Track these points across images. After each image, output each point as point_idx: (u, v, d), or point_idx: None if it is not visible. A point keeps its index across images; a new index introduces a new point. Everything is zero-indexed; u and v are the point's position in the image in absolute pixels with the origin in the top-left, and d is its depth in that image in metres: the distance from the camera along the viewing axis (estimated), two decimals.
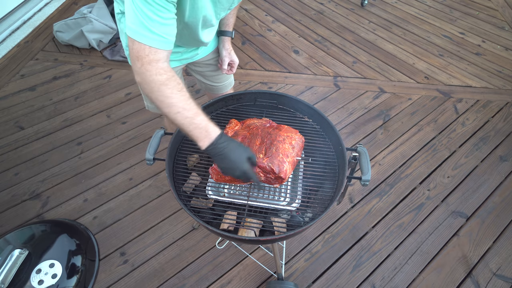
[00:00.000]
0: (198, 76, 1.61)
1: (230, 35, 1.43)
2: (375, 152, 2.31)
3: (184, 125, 0.90)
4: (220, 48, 1.46)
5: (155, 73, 0.87)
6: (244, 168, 0.93)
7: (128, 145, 2.35)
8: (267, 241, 1.18)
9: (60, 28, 3.07)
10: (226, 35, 1.43)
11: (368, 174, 1.05)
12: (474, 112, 2.57)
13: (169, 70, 0.90)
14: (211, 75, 1.57)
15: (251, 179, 0.95)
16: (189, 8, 0.97)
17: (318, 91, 2.74)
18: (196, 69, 1.55)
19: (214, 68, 1.54)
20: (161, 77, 0.88)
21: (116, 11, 1.23)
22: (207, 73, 1.56)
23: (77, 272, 1.04)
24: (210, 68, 1.54)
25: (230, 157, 0.92)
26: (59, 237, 1.12)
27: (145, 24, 0.84)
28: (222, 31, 1.42)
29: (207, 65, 1.52)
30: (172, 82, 0.89)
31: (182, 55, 1.35)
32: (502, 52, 3.11)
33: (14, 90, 2.72)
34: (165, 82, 0.88)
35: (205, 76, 1.59)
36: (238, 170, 0.93)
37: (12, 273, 0.96)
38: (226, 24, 1.41)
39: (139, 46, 0.86)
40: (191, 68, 1.57)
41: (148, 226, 1.94)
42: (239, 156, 0.92)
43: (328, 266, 1.80)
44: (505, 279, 1.74)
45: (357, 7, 3.67)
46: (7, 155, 2.28)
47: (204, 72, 1.56)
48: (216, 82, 1.61)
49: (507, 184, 2.13)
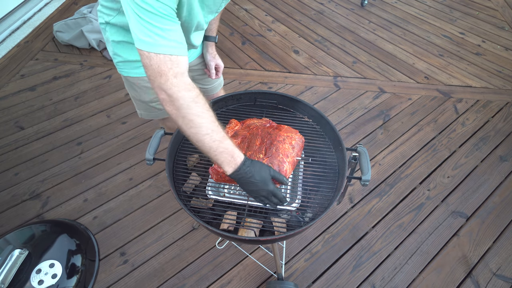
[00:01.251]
0: None
1: (214, 40, 1.44)
2: (375, 152, 2.31)
3: (211, 149, 0.86)
4: (205, 52, 1.47)
5: (183, 88, 0.82)
6: (270, 188, 0.93)
7: (128, 145, 2.35)
8: (267, 241, 1.18)
9: (60, 28, 3.07)
10: (210, 40, 1.44)
11: (368, 174, 1.05)
12: (474, 112, 2.57)
13: (196, 86, 0.85)
14: (200, 78, 1.58)
15: (277, 197, 0.95)
16: (186, 14, 0.96)
17: (318, 91, 2.74)
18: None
19: (202, 72, 1.55)
20: (190, 93, 0.83)
21: (100, 21, 1.16)
22: (196, 77, 1.57)
23: (77, 272, 1.04)
24: (198, 72, 1.54)
25: (255, 181, 0.91)
26: (59, 237, 1.12)
27: (159, 34, 0.79)
28: (206, 36, 1.43)
29: (195, 70, 1.53)
30: (202, 99, 0.84)
31: None
32: (502, 52, 3.11)
33: (14, 90, 2.72)
34: (195, 99, 0.83)
35: (194, 80, 1.57)
36: (264, 191, 0.93)
37: (12, 273, 0.96)
38: (209, 30, 1.42)
39: (158, 59, 0.80)
40: None
41: (148, 226, 1.94)
42: (263, 178, 0.92)
43: (328, 266, 1.80)
44: (505, 279, 1.74)
45: (357, 7, 3.67)
46: (7, 155, 2.28)
47: (193, 76, 1.57)
48: (206, 84, 1.61)
49: (507, 184, 2.13)
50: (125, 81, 1.37)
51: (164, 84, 0.81)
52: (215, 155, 0.87)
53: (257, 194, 0.94)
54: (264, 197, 0.95)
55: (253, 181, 0.91)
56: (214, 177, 1.10)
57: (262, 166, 0.94)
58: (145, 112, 1.52)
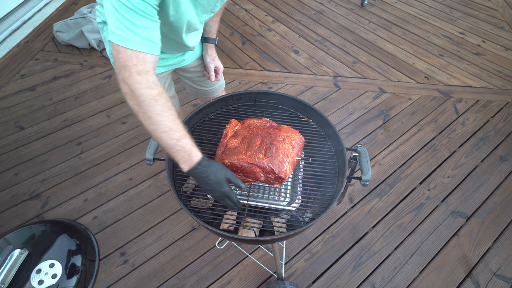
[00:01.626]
0: (187, 81, 1.61)
1: (213, 42, 1.43)
2: (375, 152, 2.31)
3: (168, 146, 0.89)
4: (204, 54, 1.46)
5: (146, 86, 0.84)
6: (223, 190, 0.94)
7: (128, 145, 2.35)
8: (267, 241, 1.18)
9: (60, 28, 3.07)
10: (210, 42, 1.42)
11: (368, 174, 1.05)
12: (474, 112, 2.56)
13: (159, 85, 0.87)
14: (200, 80, 1.57)
15: (231, 199, 0.96)
16: (172, 12, 0.95)
17: (318, 91, 2.74)
18: (185, 75, 1.56)
19: (202, 74, 1.54)
20: (152, 91, 0.84)
21: (97, 20, 1.23)
22: (196, 78, 1.56)
23: (77, 272, 1.04)
24: (198, 74, 1.54)
25: (210, 181, 0.93)
26: (59, 237, 1.12)
27: (132, 29, 0.80)
28: (206, 38, 1.42)
29: (195, 72, 1.52)
30: (163, 98, 0.86)
31: (168, 61, 1.35)
32: (502, 52, 3.11)
33: (14, 90, 2.72)
34: (156, 97, 0.85)
35: (195, 81, 1.59)
36: (217, 192, 0.95)
37: (12, 273, 0.96)
38: (209, 31, 1.41)
39: (125, 54, 0.82)
40: (179, 73, 1.57)
41: (148, 226, 1.94)
42: (218, 180, 0.93)
43: (328, 266, 1.80)
44: (505, 279, 1.74)
45: (357, 7, 3.67)
46: (7, 155, 2.28)
47: (193, 78, 1.56)
48: (207, 86, 1.61)
49: (507, 184, 2.13)
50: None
51: (127, 78, 0.84)
52: (172, 152, 0.90)
53: (211, 193, 0.96)
54: (218, 197, 0.96)
55: (208, 181, 0.93)
56: None
57: (219, 167, 0.95)
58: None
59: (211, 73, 1.48)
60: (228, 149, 1.11)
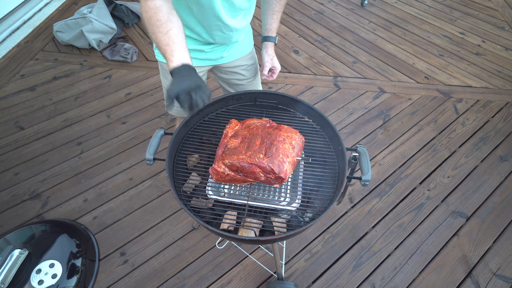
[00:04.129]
0: (222, 84, 1.61)
1: (273, 40, 1.43)
2: (375, 152, 2.31)
3: (163, 55, 0.99)
4: (263, 53, 1.46)
5: (144, 10, 1.00)
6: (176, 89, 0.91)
7: (128, 145, 2.35)
8: (267, 241, 1.18)
9: (60, 28, 3.07)
10: (269, 41, 1.43)
11: (368, 174, 1.05)
12: (474, 112, 2.57)
13: (153, 7, 0.98)
14: (236, 83, 1.56)
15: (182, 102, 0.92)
16: None
17: (318, 91, 2.74)
18: (222, 76, 1.55)
19: (241, 77, 1.53)
20: (146, 14, 0.99)
21: None
22: (232, 81, 1.55)
23: (77, 272, 1.04)
24: (236, 76, 1.52)
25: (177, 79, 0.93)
26: (59, 237, 1.12)
27: None
28: (265, 37, 1.44)
29: (233, 73, 1.51)
30: (153, 19, 0.98)
31: (206, 54, 1.35)
32: (502, 52, 3.11)
33: (14, 90, 2.72)
34: (149, 19, 0.99)
35: (230, 84, 1.58)
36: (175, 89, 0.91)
37: (12, 273, 0.96)
38: (269, 30, 1.42)
39: None
40: (216, 74, 1.56)
41: (148, 226, 1.94)
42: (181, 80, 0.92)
43: (328, 266, 1.80)
44: (505, 279, 1.74)
45: (357, 7, 3.67)
46: (7, 155, 2.28)
47: (229, 80, 1.55)
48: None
49: (507, 184, 2.13)
50: (160, 68, 1.44)
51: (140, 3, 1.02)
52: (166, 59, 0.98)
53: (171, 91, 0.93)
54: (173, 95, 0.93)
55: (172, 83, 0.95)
56: (214, 177, 1.10)
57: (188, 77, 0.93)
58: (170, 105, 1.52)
59: (265, 71, 1.45)
60: (228, 149, 1.11)
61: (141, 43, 3.17)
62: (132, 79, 2.82)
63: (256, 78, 1.60)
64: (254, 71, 1.57)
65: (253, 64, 1.55)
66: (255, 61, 1.56)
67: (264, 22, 1.43)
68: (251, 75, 1.56)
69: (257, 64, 1.59)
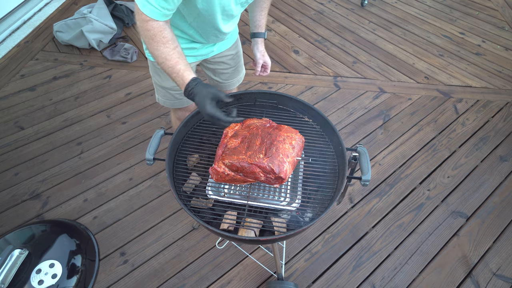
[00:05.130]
0: (208, 72, 1.64)
1: (263, 36, 1.46)
2: (375, 152, 2.31)
3: (169, 74, 1.06)
4: (254, 50, 1.51)
5: (145, 29, 1.03)
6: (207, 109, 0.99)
7: (128, 145, 2.35)
8: (267, 241, 1.18)
9: (60, 28, 3.07)
10: (259, 37, 1.46)
11: (368, 174, 1.05)
12: (474, 112, 2.56)
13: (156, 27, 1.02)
14: (222, 72, 1.60)
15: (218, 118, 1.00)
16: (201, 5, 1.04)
17: (318, 91, 2.74)
18: (208, 66, 1.58)
19: (226, 66, 1.56)
20: (149, 32, 1.03)
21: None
22: (218, 70, 1.59)
23: (77, 272, 1.04)
24: (222, 66, 1.56)
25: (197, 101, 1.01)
26: (59, 237, 1.12)
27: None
28: (255, 33, 1.47)
29: (220, 63, 1.54)
30: (158, 36, 1.03)
31: (198, 51, 1.38)
32: (502, 52, 3.11)
33: (14, 90, 2.72)
34: (152, 36, 1.03)
35: (216, 73, 1.61)
36: (203, 112, 1.01)
37: (12, 273, 0.96)
38: (258, 26, 1.44)
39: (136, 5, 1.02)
40: (203, 65, 1.59)
41: (148, 226, 1.94)
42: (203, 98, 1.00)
43: (328, 266, 1.80)
44: (505, 279, 1.74)
45: (357, 7, 3.67)
46: (7, 155, 2.28)
47: (216, 70, 1.59)
48: (224, 79, 1.64)
49: (507, 184, 2.13)
50: (151, 66, 1.47)
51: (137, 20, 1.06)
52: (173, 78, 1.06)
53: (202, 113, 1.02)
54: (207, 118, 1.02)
55: (196, 101, 1.02)
56: (214, 177, 1.10)
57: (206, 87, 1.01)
58: (162, 99, 1.57)
59: (258, 68, 1.51)
60: (228, 149, 1.11)
61: (141, 43, 3.17)
62: (132, 79, 2.82)
63: (239, 64, 1.65)
64: (238, 59, 1.62)
65: (237, 52, 1.59)
66: (239, 49, 1.60)
67: (253, 18, 1.45)
68: (235, 63, 1.61)
69: (240, 51, 1.63)
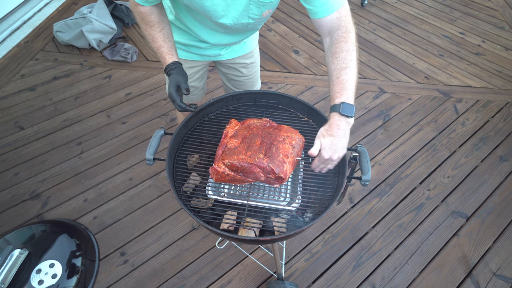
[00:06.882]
0: (221, 76, 1.64)
1: (337, 109, 1.02)
2: (375, 152, 2.31)
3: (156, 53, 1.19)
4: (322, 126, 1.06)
5: (136, 12, 1.15)
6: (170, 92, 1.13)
7: (128, 145, 2.35)
8: (267, 241, 1.18)
9: (60, 28, 3.07)
10: (332, 110, 1.04)
11: (368, 174, 1.05)
12: (474, 112, 2.56)
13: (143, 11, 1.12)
14: (234, 79, 1.58)
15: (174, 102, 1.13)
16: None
17: (318, 91, 2.74)
18: (222, 70, 1.57)
19: (238, 74, 1.54)
20: (138, 16, 1.15)
21: None
22: (230, 76, 1.57)
23: (77, 272, 1.04)
24: (234, 72, 1.54)
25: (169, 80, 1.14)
26: (59, 237, 1.12)
27: None
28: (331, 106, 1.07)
29: (232, 69, 1.52)
30: (145, 20, 1.14)
31: (205, 51, 1.38)
32: (502, 52, 3.11)
33: (14, 90, 2.72)
34: (141, 19, 1.15)
35: (228, 79, 1.60)
36: (167, 90, 1.16)
37: (12, 273, 0.96)
38: (331, 95, 1.06)
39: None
40: (218, 68, 1.59)
41: (148, 226, 1.94)
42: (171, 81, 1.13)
43: (328, 266, 1.80)
44: (505, 279, 1.74)
45: (357, 7, 3.67)
46: (7, 155, 2.28)
47: (228, 75, 1.57)
48: (236, 87, 1.62)
49: (507, 184, 2.13)
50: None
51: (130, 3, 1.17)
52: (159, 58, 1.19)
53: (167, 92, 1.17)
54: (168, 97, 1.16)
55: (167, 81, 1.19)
56: (214, 177, 1.10)
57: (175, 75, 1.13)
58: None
59: (311, 151, 0.99)
60: (228, 149, 1.11)
61: (141, 43, 3.17)
62: (132, 79, 2.82)
63: (254, 76, 1.61)
64: (253, 70, 1.57)
65: (252, 63, 1.55)
66: (255, 60, 1.55)
67: (329, 84, 1.09)
68: (249, 73, 1.57)
69: (258, 63, 1.59)
